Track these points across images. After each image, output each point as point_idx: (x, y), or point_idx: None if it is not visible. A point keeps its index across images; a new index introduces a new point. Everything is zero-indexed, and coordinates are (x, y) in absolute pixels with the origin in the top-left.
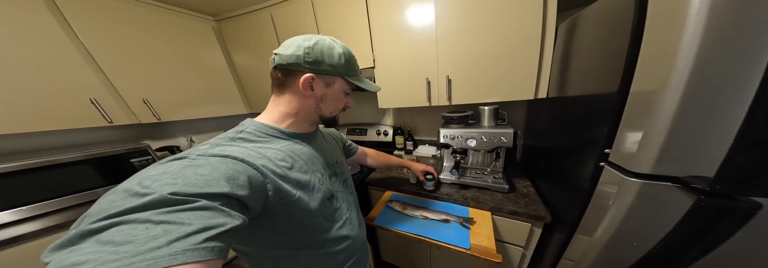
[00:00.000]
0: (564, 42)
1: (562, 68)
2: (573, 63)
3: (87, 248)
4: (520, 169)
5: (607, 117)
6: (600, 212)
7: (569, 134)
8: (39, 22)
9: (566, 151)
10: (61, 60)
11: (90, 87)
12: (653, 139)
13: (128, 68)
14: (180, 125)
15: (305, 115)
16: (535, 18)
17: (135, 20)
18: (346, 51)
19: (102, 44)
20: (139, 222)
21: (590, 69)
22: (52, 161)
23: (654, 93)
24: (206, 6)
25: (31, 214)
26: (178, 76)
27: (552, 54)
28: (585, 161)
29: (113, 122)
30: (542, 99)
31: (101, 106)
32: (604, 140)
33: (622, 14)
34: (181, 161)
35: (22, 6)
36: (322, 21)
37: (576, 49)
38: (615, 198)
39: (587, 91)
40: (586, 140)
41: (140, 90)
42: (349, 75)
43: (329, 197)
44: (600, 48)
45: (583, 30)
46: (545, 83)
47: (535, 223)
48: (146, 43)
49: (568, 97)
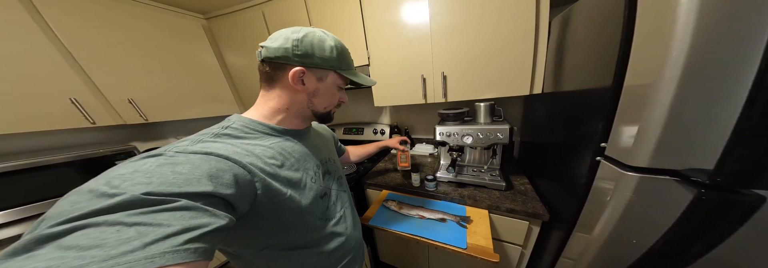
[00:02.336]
0: (558, 37)
1: (556, 63)
2: (567, 58)
3: (47, 254)
4: (518, 166)
5: (602, 111)
6: (598, 208)
7: (565, 129)
8: (11, 17)
9: (562, 146)
10: (36, 58)
11: (70, 86)
12: (649, 132)
13: (111, 67)
14: (170, 126)
15: (296, 110)
16: (529, 12)
17: (118, 18)
18: (337, 43)
19: (82, 42)
20: (108, 225)
21: (584, 63)
22: (31, 163)
23: (648, 86)
24: (194, 4)
25: (10, 219)
26: (166, 76)
27: (546, 49)
28: (581, 156)
29: (96, 123)
30: (538, 95)
31: (82, 106)
32: (600, 135)
33: (614, 7)
34: (156, 158)
35: None
36: (315, 18)
37: (569, 44)
38: (612, 194)
39: (581, 86)
40: (581, 134)
41: (125, 90)
42: (341, 69)
43: (322, 195)
44: (593, 42)
45: (576, 24)
46: (540, 79)
47: (533, 221)
48: (131, 42)
49: (563, 93)
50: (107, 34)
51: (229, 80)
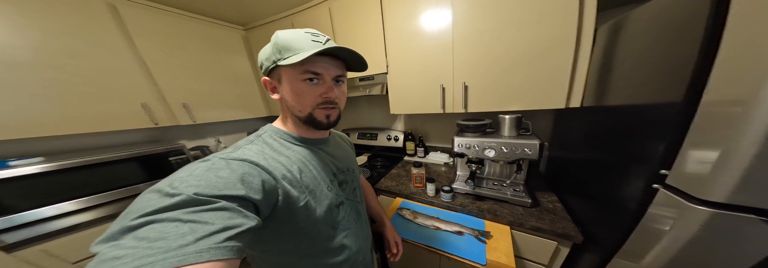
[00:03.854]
0: (605, 46)
1: (601, 75)
2: (617, 69)
3: (126, 244)
4: (545, 181)
5: (666, 131)
6: (651, 237)
7: (610, 147)
8: (106, 36)
9: (606, 166)
10: (124, 71)
11: (142, 93)
12: (735, 160)
13: (172, 76)
14: (210, 127)
15: (292, 118)
16: (569, 19)
17: (177, 31)
18: (279, 36)
19: (154, 56)
20: (169, 221)
21: (641, 75)
22: (104, 158)
23: (740, 103)
24: (237, 16)
25: (87, 205)
26: (211, 83)
27: (589, 59)
28: (632, 181)
29: (158, 124)
30: (574, 108)
31: (150, 109)
32: (659, 159)
33: (691, 12)
34: (205, 163)
35: (94, 22)
36: (338, 27)
37: (622, 54)
38: (673, 225)
39: (636, 101)
40: (633, 156)
41: (180, 95)
42: (283, 58)
43: (337, 204)
44: (656, 51)
45: (632, 33)
46: (579, 91)
47: (563, 242)
48: (186, 53)
49: (609, 107)
50: (170, 48)
51: (259, 86)
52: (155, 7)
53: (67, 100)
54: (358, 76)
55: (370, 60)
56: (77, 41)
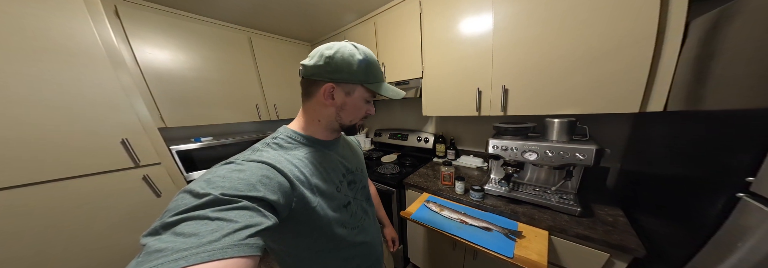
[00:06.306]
0: (700, 44)
1: (695, 76)
2: (716, 69)
3: (166, 238)
4: (611, 196)
5: (759, 138)
6: (724, 250)
7: (695, 156)
8: (245, 59)
9: (688, 177)
10: (250, 81)
11: (256, 96)
12: None
13: (270, 84)
14: (280, 123)
15: (327, 123)
16: (645, 14)
17: (279, 52)
18: (366, 57)
19: (266, 70)
20: (200, 218)
21: (747, 77)
22: (241, 139)
23: None
24: (305, 35)
25: None
26: (287, 88)
27: (677, 57)
28: (712, 188)
29: (261, 119)
30: (657, 113)
31: (259, 108)
32: (746, 165)
33: None
34: (230, 165)
35: (240, 51)
36: (381, 39)
37: (723, 53)
38: (755, 235)
39: (743, 105)
40: (720, 164)
41: (273, 98)
42: (368, 82)
43: (346, 204)
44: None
45: (736, 28)
46: (663, 93)
47: (619, 254)
48: (275, 66)
49: (701, 112)
50: (273, 64)
51: None
52: (269, 36)
53: (228, 102)
54: (393, 81)
55: (406, 66)
56: (235, 65)
